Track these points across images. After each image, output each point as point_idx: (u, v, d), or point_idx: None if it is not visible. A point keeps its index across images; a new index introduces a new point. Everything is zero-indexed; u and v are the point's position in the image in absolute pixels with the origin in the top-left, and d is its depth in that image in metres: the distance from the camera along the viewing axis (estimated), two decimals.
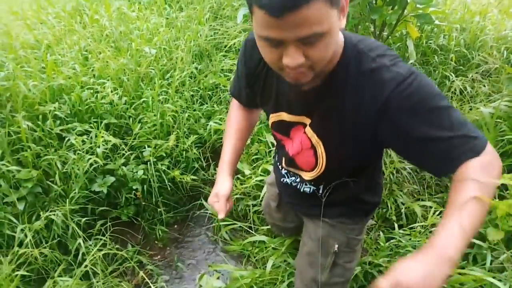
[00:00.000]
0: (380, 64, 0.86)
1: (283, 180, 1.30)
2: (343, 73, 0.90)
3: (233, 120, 1.31)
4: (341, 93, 0.91)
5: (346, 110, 0.92)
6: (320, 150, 1.04)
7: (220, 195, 1.18)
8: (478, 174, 0.79)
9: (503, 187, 1.91)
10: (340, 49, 0.89)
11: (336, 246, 1.25)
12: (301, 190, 1.25)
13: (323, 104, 0.95)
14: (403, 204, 2.21)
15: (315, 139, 1.03)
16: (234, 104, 1.32)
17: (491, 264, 1.66)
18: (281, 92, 1.03)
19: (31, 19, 3.13)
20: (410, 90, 0.82)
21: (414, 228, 1.97)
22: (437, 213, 2.03)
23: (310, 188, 1.22)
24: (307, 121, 1.02)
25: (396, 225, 2.09)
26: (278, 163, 1.30)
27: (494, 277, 1.46)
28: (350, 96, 0.90)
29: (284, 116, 1.06)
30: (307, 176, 1.15)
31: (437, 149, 0.83)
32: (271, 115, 1.11)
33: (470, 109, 2.57)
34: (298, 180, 1.23)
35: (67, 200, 2.03)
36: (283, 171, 1.28)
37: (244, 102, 1.27)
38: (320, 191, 1.20)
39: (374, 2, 2.21)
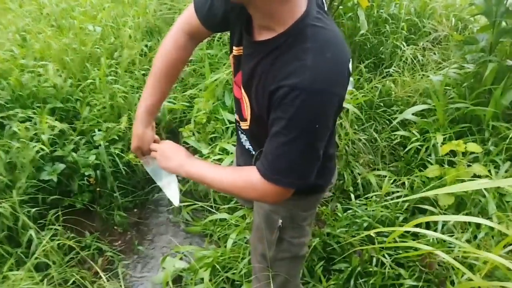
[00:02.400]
0: (303, 58, 0.84)
1: (237, 135, 1.29)
2: (279, 45, 0.88)
3: (169, 50, 1.16)
4: (266, 61, 0.91)
5: (262, 78, 0.92)
6: (246, 102, 1.04)
7: (132, 148, 1.23)
8: (247, 177, 0.99)
9: (452, 154, 1.98)
10: (292, 18, 0.86)
11: (280, 221, 1.24)
12: (246, 147, 1.24)
13: (254, 59, 0.94)
14: (359, 174, 2.25)
15: (243, 90, 1.03)
16: (179, 25, 1.15)
17: (442, 228, 1.74)
18: (243, 33, 0.99)
19: None
20: (294, 102, 0.83)
21: (370, 197, 2.02)
22: (391, 181, 2.09)
23: (247, 143, 1.21)
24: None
25: (353, 196, 2.13)
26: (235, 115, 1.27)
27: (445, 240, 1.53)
28: (268, 69, 0.90)
29: (241, 52, 1.02)
30: (243, 124, 1.15)
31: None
32: (234, 48, 1.05)
33: (421, 78, 2.63)
34: (242, 131, 1.21)
35: (14, 190, 1.92)
36: (236, 120, 1.24)
37: (203, 13, 1.08)
38: (254, 152, 1.19)
39: None
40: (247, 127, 1.12)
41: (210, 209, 2.18)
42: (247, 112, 1.06)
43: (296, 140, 0.88)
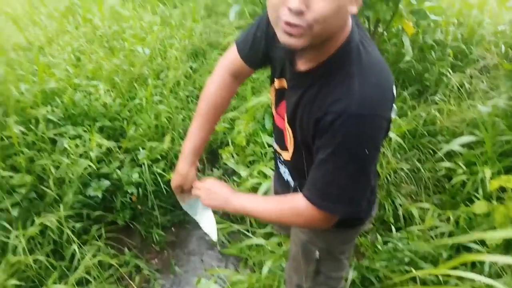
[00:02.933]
0: (349, 83, 0.84)
1: (276, 164, 1.31)
2: (324, 72, 0.89)
3: (213, 90, 1.20)
4: (312, 90, 0.91)
5: (306, 108, 0.92)
6: (289, 135, 1.05)
7: (172, 186, 1.26)
8: (294, 204, 1.00)
9: (501, 189, 1.89)
10: (337, 44, 0.86)
11: (317, 253, 1.23)
12: (284, 178, 1.24)
13: (298, 91, 0.95)
14: (401, 205, 2.19)
15: (287, 124, 1.03)
16: (222, 65, 1.20)
17: (490, 269, 1.65)
18: (286, 64, 1.00)
19: (23, 20, 3.08)
20: (342, 127, 0.83)
21: (412, 231, 1.95)
22: (435, 215, 2.01)
23: (288, 175, 1.21)
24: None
25: (393, 228, 2.07)
26: (273, 144, 1.27)
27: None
28: (313, 98, 0.90)
29: (284, 83, 1.04)
30: (284, 155, 1.15)
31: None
32: (276, 80, 1.07)
33: (468, 107, 2.54)
34: (281, 161, 1.22)
35: (61, 205, 2.01)
36: (276, 150, 1.25)
37: (245, 52, 1.12)
38: (293, 183, 1.19)
39: None
40: (289, 158, 1.12)
41: (246, 232, 2.18)
42: (290, 144, 1.07)
43: (345, 166, 0.88)
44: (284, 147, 1.12)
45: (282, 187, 1.28)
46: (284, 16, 0.77)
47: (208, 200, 1.14)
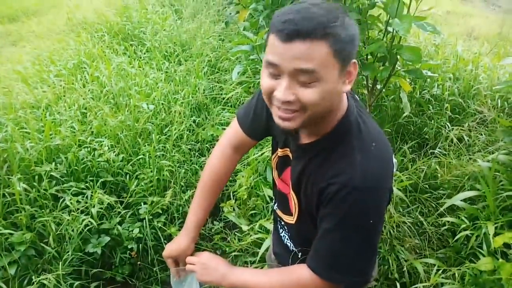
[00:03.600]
0: (351, 157, 0.87)
1: (275, 226, 1.30)
2: (325, 146, 0.92)
3: (215, 163, 1.25)
4: (314, 162, 0.93)
5: (311, 177, 0.94)
6: (294, 201, 1.06)
7: (164, 255, 1.25)
8: (297, 276, 0.98)
9: (506, 245, 1.86)
10: (336, 119, 0.90)
11: None
12: (284, 241, 1.23)
13: (302, 161, 0.97)
14: (405, 260, 2.15)
15: (292, 191, 1.05)
16: (225, 138, 1.25)
17: None
18: (289, 137, 1.05)
19: (32, 78, 3.20)
20: (346, 198, 0.85)
21: None
22: (440, 271, 1.97)
23: (287, 239, 1.21)
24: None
25: (398, 284, 2.02)
26: (274, 207, 1.28)
27: None
28: (316, 170, 0.92)
29: (288, 152, 1.07)
30: (287, 219, 1.15)
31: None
32: (279, 149, 1.10)
33: (468, 160, 2.56)
34: (282, 225, 1.22)
35: (60, 262, 1.99)
36: (277, 214, 1.25)
37: (246, 126, 1.17)
38: (293, 247, 1.18)
39: (365, 58, 2.26)
40: (292, 222, 1.12)
41: None
42: (295, 210, 1.08)
43: (351, 236, 0.88)
44: (288, 212, 1.13)
45: (281, 250, 1.28)
46: (275, 102, 0.83)
47: (204, 276, 1.11)
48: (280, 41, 0.76)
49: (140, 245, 2.26)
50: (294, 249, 1.18)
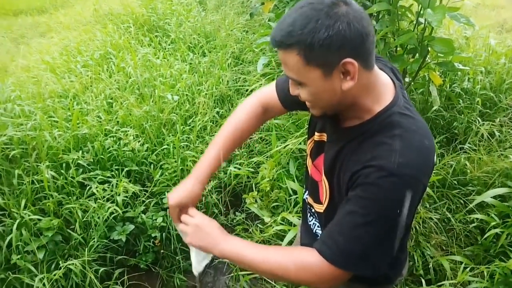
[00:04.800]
0: (391, 144, 0.84)
1: (304, 215, 1.27)
2: (365, 131, 0.90)
3: (242, 116, 1.20)
4: (351, 145, 0.91)
5: (344, 162, 0.92)
6: (326, 187, 1.03)
7: (172, 203, 1.11)
8: (300, 258, 0.92)
9: None
10: (377, 109, 0.89)
11: None
12: (313, 230, 1.20)
13: (338, 144, 0.95)
14: (431, 257, 2.10)
15: (324, 176, 1.02)
16: (257, 96, 1.22)
17: None
18: (327, 120, 1.04)
19: (60, 68, 3.26)
20: (379, 181, 0.81)
21: (443, 286, 1.86)
22: (467, 269, 1.92)
23: (317, 227, 1.18)
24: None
25: (423, 281, 1.98)
26: (304, 195, 1.25)
27: None
28: (351, 153, 0.90)
29: (324, 138, 1.05)
30: (317, 207, 1.12)
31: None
32: (316, 133, 1.09)
33: (499, 156, 2.47)
34: (312, 213, 1.19)
35: (86, 249, 2.03)
36: (307, 202, 1.23)
37: (283, 93, 1.15)
38: None
39: (394, 50, 2.20)
40: (321, 211, 1.10)
41: (269, 280, 2.13)
42: (325, 197, 1.05)
43: (375, 223, 0.83)
44: (318, 200, 1.11)
45: (309, 240, 1.25)
46: None
47: (195, 239, 1.02)
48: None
49: (164, 233, 2.29)
50: None
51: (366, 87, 0.87)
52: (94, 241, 2.06)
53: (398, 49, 2.20)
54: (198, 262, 1.13)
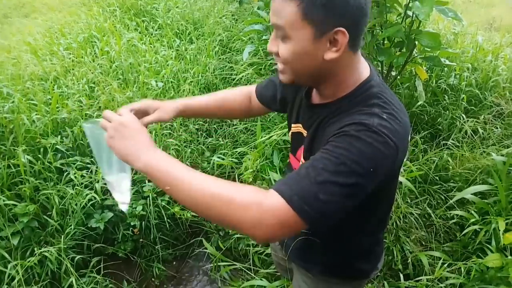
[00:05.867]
0: (370, 109, 0.82)
1: None
2: (342, 105, 0.88)
3: (238, 91, 1.28)
4: (329, 121, 0.89)
5: (324, 137, 0.86)
6: None
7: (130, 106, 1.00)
8: (249, 192, 0.75)
9: None
10: (353, 85, 0.88)
11: None
12: None
13: (315, 123, 0.94)
14: (410, 252, 2.11)
15: (303, 159, 1.00)
16: (247, 87, 1.30)
17: None
18: (301, 105, 1.05)
19: (42, 50, 3.17)
20: (353, 132, 0.76)
21: (421, 281, 1.87)
22: (445, 265, 1.93)
23: None
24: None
25: (401, 276, 1.99)
26: None
27: None
28: (330, 125, 0.87)
29: (301, 128, 1.05)
30: None
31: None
32: (292, 126, 1.09)
33: (482, 154, 2.49)
34: None
35: (63, 236, 1.99)
36: None
37: (261, 91, 1.24)
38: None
39: (381, 43, 2.18)
40: None
41: (249, 271, 2.12)
42: None
43: (347, 174, 0.73)
44: None
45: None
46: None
47: (115, 140, 0.84)
48: None
49: (143, 222, 2.25)
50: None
51: (346, 66, 0.87)
52: (71, 228, 2.02)
53: (385, 42, 2.18)
54: (121, 191, 0.95)
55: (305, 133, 1.01)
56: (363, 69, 0.90)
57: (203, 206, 0.75)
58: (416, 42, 2.00)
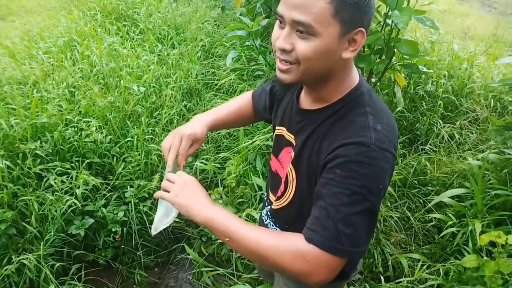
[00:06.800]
0: (364, 121, 0.85)
1: (262, 212, 1.26)
2: (335, 111, 0.90)
3: (241, 100, 1.30)
4: (322, 128, 0.91)
5: (316, 146, 0.91)
6: (292, 177, 1.01)
7: (178, 132, 1.07)
8: (294, 244, 0.82)
9: (491, 244, 1.86)
10: (346, 89, 0.91)
11: None
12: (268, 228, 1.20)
13: (307, 130, 0.95)
14: (390, 255, 2.15)
15: (291, 164, 1.01)
16: (248, 98, 1.31)
17: None
18: (289, 108, 1.05)
19: (21, 54, 3.11)
20: (354, 157, 0.80)
21: (401, 283, 1.91)
22: (424, 267, 1.98)
23: (272, 226, 1.17)
24: (294, 143, 1.01)
25: (382, 278, 2.02)
26: (265, 191, 1.25)
27: None
28: (324, 135, 0.89)
29: (284, 132, 1.06)
30: (274, 204, 1.12)
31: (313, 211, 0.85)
32: (276, 128, 1.11)
33: (458, 158, 2.56)
34: (268, 213, 1.18)
35: (42, 243, 1.95)
36: (265, 199, 1.23)
37: (256, 100, 1.27)
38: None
39: (362, 50, 2.23)
40: (281, 207, 1.08)
41: (231, 277, 2.12)
42: (290, 189, 1.03)
43: (361, 201, 0.79)
44: (279, 196, 1.09)
45: None
46: (277, 52, 0.85)
47: (179, 198, 0.93)
48: None
49: (125, 228, 2.23)
50: None
51: (347, 67, 0.90)
52: (50, 235, 1.99)
53: (365, 49, 2.23)
54: (160, 221, 1.05)
55: (290, 137, 1.03)
56: (355, 72, 0.93)
57: (258, 258, 0.85)
58: (395, 50, 2.06)
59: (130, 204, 2.25)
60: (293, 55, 0.82)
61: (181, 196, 0.94)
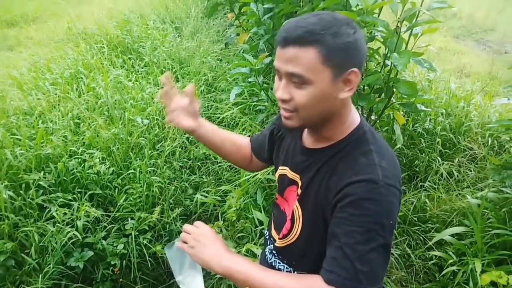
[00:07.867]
0: (370, 158, 0.88)
1: (265, 251, 1.26)
2: (340, 149, 0.94)
3: (241, 138, 1.34)
4: (328, 166, 0.94)
5: (323, 184, 0.94)
6: (298, 214, 1.02)
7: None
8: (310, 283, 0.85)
9: (492, 284, 1.86)
10: (349, 129, 0.95)
11: None
12: (276, 267, 1.19)
13: (313, 168, 0.98)
14: None
15: (297, 202, 1.02)
16: (247, 141, 1.34)
17: None
18: (291, 148, 1.09)
19: (28, 85, 3.18)
20: (365, 195, 0.83)
21: None
22: None
23: (279, 263, 1.16)
24: (299, 182, 1.03)
25: None
26: (267, 229, 1.26)
27: None
28: (330, 173, 0.93)
29: (287, 171, 1.08)
30: (278, 242, 1.12)
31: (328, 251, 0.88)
32: (279, 168, 1.13)
33: (457, 196, 2.58)
34: (272, 251, 1.18)
35: (40, 275, 1.93)
36: (267, 237, 1.23)
37: (254, 143, 1.30)
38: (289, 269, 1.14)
39: (362, 89, 2.29)
40: (286, 244, 1.09)
41: None
42: (296, 227, 1.04)
43: (375, 237, 0.82)
44: (284, 234, 1.09)
45: None
46: (278, 102, 0.92)
47: (196, 250, 0.95)
48: (279, 47, 0.86)
49: (124, 261, 2.21)
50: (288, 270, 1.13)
51: (347, 105, 0.94)
52: (49, 267, 1.97)
53: (365, 88, 2.30)
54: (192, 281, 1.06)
55: (294, 176, 1.05)
56: (355, 111, 0.98)
57: None
58: (394, 89, 2.12)
59: (130, 236, 2.24)
60: (291, 104, 0.88)
61: (198, 247, 0.95)
